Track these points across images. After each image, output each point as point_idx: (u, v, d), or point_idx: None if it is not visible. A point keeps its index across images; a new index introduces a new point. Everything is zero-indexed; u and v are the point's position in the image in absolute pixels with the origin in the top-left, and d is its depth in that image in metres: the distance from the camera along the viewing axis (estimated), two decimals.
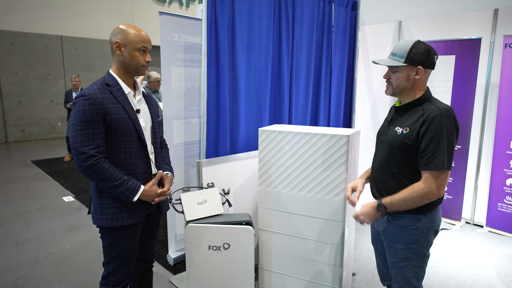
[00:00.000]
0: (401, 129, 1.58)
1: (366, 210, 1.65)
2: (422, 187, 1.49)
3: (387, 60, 1.62)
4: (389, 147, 1.61)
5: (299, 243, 2.21)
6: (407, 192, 1.52)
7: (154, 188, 1.73)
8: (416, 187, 1.51)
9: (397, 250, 1.65)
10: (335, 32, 3.22)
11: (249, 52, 2.59)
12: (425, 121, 1.50)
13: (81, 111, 1.55)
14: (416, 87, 1.59)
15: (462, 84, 3.71)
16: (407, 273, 1.64)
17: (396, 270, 1.68)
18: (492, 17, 3.60)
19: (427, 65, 1.57)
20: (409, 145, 1.53)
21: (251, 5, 2.53)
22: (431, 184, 1.47)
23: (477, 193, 3.85)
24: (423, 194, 1.49)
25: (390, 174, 1.62)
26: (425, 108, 1.55)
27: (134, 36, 1.65)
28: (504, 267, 2.97)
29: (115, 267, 1.73)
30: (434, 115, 1.48)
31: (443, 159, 1.46)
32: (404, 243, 1.62)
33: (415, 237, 1.59)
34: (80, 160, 1.55)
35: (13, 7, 8.26)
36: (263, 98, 2.72)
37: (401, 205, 1.54)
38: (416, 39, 1.60)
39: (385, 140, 1.65)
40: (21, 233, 3.56)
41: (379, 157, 1.70)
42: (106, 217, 1.66)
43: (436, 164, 1.46)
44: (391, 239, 1.66)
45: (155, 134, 1.82)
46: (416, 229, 1.59)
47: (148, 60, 1.71)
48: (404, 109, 1.63)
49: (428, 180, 1.48)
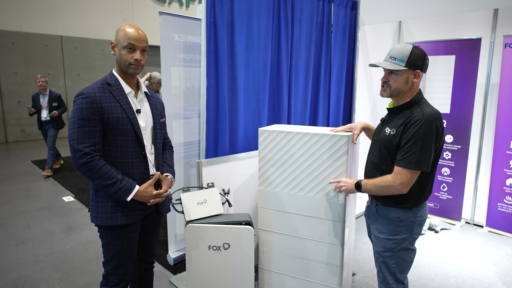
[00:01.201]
0: (389, 130, 1.70)
1: (348, 181, 1.85)
2: (389, 180, 1.64)
3: (389, 64, 1.67)
4: (379, 146, 1.74)
5: (299, 243, 2.21)
6: (378, 180, 1.69)
7: (149, 189, 1.71)
8: (385, 178, 1.66)
9: (382, 240, 1.77)
10: (334, 32, 3.22)
11: (248, 52, 2.60)
12: (407, 124, 1.61)
13: (78, 109, 1.56)
14: (411, 90, 1.68)
15: (462, 84, 3.71)
16: (389, 264, 1.75)
17: (380, 260, 1.80)
18: (492, 17, 3.60)
19: (423, 69, 1.66)
20: (394, 146, 1.65)
21: (250, 5, 2.54)
22: (396, 179, 1.61)
23: (477, 193, 3.85)
24: (387, 186, 1.64)
25: (380, 170, 1.74)
26: (413, 111, 1.65)
27: (122, 34, 1.63)
28: (504, 267, 2.97)
29: (113, 266, 1.73)
30: (416, 119, 1.59)
31: (414, 160, 1.57)
32: (389, 233, 1.74)
33: (399, 228, 1.71)
34: (75, 157, 1.56)
35: (13, 7, 8.26)
36: (261, 98, 2.72)
37: (371, 190, 1.72)
38: (411, 44, 1.70)
39: (377, 139, 1.78)
40: (21, 233, 3.56)
41: (371, 155, 1.83)
42: (101, 216, 1.67)
43: (406, 163, 1.59)
44: (378, 229, 1.79)
45: (156, 134, 1.81)
46: (401, 221, 1.70)
47: (136, 57, 1.63)
48: (395, 111, 1.74)
49: (395, 175, 1.62)
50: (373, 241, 1.86)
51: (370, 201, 1.89)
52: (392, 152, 1.67)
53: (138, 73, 1.71)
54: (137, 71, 1.68)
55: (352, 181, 1.84)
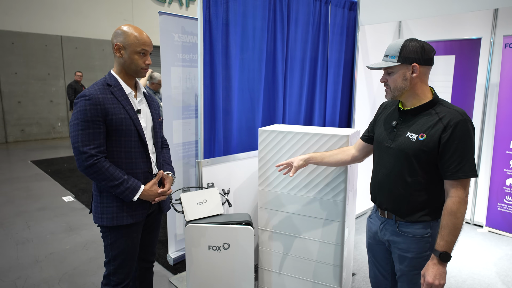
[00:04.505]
0: (415, 135, 1.46)
1: (435, 272, 1.40)
2: (455, 202, 1.38)
3: (380, 62, 1.55)
4: (402, 154, 1.50)
5: (299, 243, 2.21)
6: (449, 220, 1.39)
7: (154, 188, 1.74)
8: (450, 209, 1.39)
9: (409, 259, 1.56)
10: (331, 32, 3.23)
11: (242, 53, 2.62)
12: (447, 127, 1.40)
13: (82, 111, 1.56)
14: (417, 86, 1.50)
15: (462, 84, 3.71)
16: (417, 281, 1.59)
17: (407, 278, 1.61)
18: (492, 17, 3.60)
19: (422, 62, 1.47)
20: (427, 152, 1.44)
21: (245, 6, 2.56)
22: (461, 193, 1.39)
23: (477, 193, 3.85)
24: (460, 208, 1.38)
25: (402, 183, 1.52)
26: (439, 111, 1.45)
27: (134, 39, 1.64)
28: (504, 267, 2.97)
29: (116, 266, 1.74)
30: (457, 120, 1.39)
31: (471, 167, 1.39)
32: (417, 252, 1.54)
33: (428, 244, 1.53)
34: (80, 160, 1.56)
35: (13, 7, 8.26)
36: (256, 98, 2.73)
37: (455, 235, 1.39)
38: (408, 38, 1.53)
39: (394, 147, 1.54)
40: (21, 233, 3.56)
41: (387, 165, 1.57)
42: (106, 216, 1.67)
43: (465, 172, 1.38)
44: (402, 248, 1.58)
45: (156, 134, 1.83)
46: (430, 236, 1.52)
47: (148, 62, 1.70)
48: (413, 113, 1.52)
49: (458, 189, 1.39)
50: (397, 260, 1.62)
51: (384, 216, 1.62)
52: (423, 161, 1.45)
53: (145, 75, 1.77)
54: (145, 74, 1.75)
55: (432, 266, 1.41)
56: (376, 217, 1.70)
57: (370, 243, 1.78)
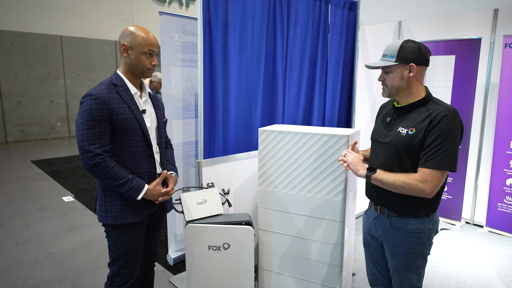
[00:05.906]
0: (405, 130, 1.54)
1: (356, 160, 1.62)
2: (417, 179, 1.45)
3: (378, 62, 1.61)
4: (393, 148, 1.57)
5: (299, 243, 2.21)
6: (402, 174, 1.49)
7: (158, 187, 1.75)
8: (411, 175, 1.47)
9: (402, 254, 1.62)
10: (331, 32, 3.23)
11: (241, 53, 2.62)
12: (433, 120, 1.46)
13: (88, 110, 1.57)
14: (413, 85, 1.57)
15: (462, 84, 3.71)
16: (411, 276, 1.63)
17: (399, 274, 1.66)
18: (492, 17, 3.60)
19: (419, 62, 1.54)
20: (415, 146, 1.50)
21: (244, 6, 2.56)
22: (426, 181, 1.44)
23: (477, 193, 3.85)
24: (413, 184, 1.45)
25: None
26: (430, 108, 1.52)
27: (141, 39, 1.66)
28: (504, 267, 2.97)
29: (120, 266, 1.74)
30: (443, 114, 1.45)
31: (445, 159, 1.43)
32: (409, 247, 1.60)
33: (419, 240, 1.58)
34: (86, 159, 1.58)
35: (13, 7, 8.26)
36: (254, 97, 2.74)
37: (388, 181, 1.50)
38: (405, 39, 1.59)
39: (386, 141, 1.61)
40: (21, 233, 3.55)
41: (380, 160, 1.64)
42: (110, 215, 1.68)
43: (436, 163, 1.43)
44: (395, 243, 1.63)
45: (160, 134, 1.85)
46: (421, 232, 1.57)
47: (154, 63, 1.73)
48: (406, 110, 1.60)
49: (423, 176, 1.45)
50: (390, 255, 1.68)
51: (377, 212, 1.69)
52: (413, 154, 1.51)
53: (151, 76, 1.83)
54: (151, 75, 1.78)
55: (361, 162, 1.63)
56: (370, 212, 1.76)
57: (366, 238, 1.85)
